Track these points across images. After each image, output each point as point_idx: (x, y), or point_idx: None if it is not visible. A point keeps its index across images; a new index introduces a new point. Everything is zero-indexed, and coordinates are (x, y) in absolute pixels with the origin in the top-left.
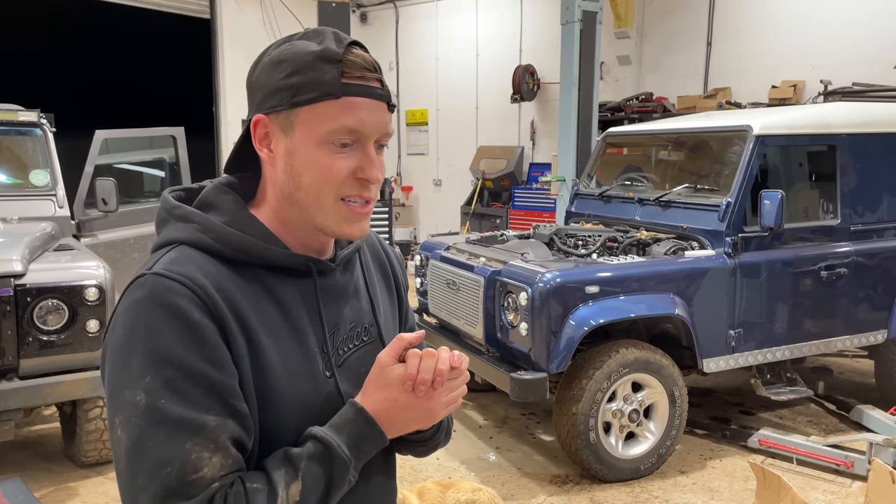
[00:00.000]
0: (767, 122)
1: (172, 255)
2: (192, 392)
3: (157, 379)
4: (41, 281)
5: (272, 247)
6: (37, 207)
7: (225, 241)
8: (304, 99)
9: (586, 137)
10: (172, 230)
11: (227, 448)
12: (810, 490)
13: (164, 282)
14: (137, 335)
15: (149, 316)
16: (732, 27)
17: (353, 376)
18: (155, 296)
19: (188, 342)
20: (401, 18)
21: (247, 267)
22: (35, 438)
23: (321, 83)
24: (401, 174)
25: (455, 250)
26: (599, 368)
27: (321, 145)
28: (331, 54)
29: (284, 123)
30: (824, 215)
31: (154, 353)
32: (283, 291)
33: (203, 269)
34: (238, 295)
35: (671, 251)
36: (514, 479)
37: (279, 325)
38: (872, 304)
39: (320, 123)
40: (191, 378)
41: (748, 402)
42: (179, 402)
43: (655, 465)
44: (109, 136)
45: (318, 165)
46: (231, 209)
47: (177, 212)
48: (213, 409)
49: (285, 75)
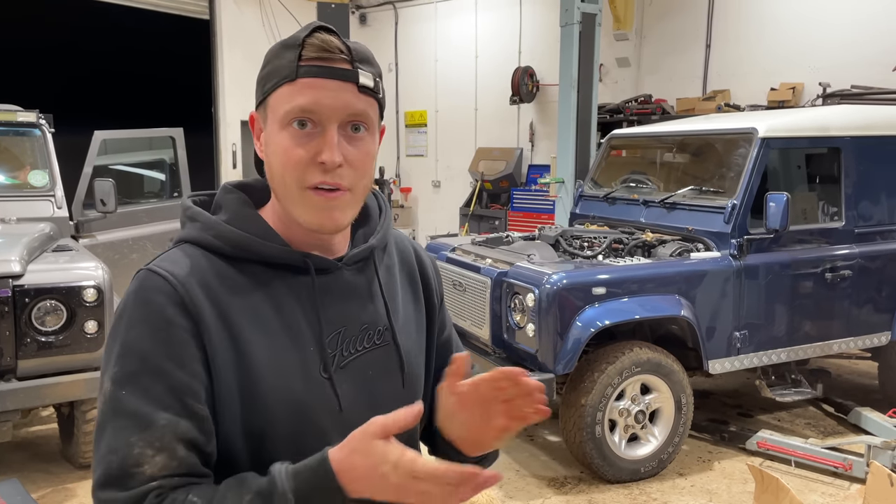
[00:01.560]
0: (773, 125)
1: (170, 253)
2: (151, 388)
3: (122, 370)
4: (39, 282)
5: (269, 243)
6: (35, 208)
7: (223, 238)
8: (270, 87)
9: (585, 139)
10: (184, 231)
11: (172, 449)
12: (808, 492)
13: (150, 276)
14: (119, 327)
15: (131, 309)
16: (731, 29)
17: (359, 379)
18: (139, 290)
19: (157, 338)
20: (400, 20)
21: (245, 263)
22: (33, 439)
23: (280, 68)
24: (399, 175)
25: (461, 251)
26: (612, 364)
27: (282, 129)
28: (292, 41)
29: (263, 115)
30: (829, 218)
31: (125, 345)
32: (280, 289)
33: (194, 265)
34: (227, 291)
35: (677, 253)
36: (513, 480)
37: (272, 322)
38: (876, 306)
39: (279, 107)
40: (152, 373)
41: (746, 404)
42: (137, 395)
43: (656, 469)
44: (108, 136)
45: (279, 150)
46: (233, 207)
47: (189, 213)
48: (169, 407)
49: (262, 68)
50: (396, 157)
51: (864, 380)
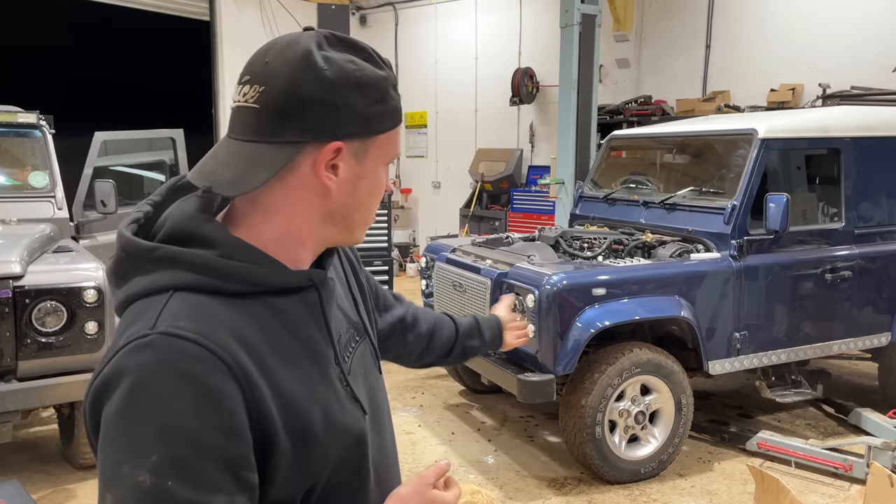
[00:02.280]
0: (773, 126)
1: (175, 307)
2: (203, 470)
3: (165, 457)
4: (40, 282)
5: (275, 270)
6: (35, 209)
7: (228, 277)
8: (385, 127)
9: (585, 140)
10: (155, 278)
11: None
12: (809, 493)
13: (174, 342)
14: (144, 405)
15: (159, 384)
16: (731, 30)
17: (357, 379)
18: (167, 361)
19: (203, 411)
20: (400, 21)
21: (252, 297)
22: (33, 440)
23: (396, 111)
24: (400, 177)
25: (461, 252)
26: (612, 365)
27: (384, 168)
28: (394, 81)
29: (359, 150)
30: (828, 219)
31: (164, 427)
32: (293, 312)
33: (214, 317)
34: (253, 333)
35: (677, 254)
36: (513, 481)
37: (294, 351)
38: (876, 306)
39: (390, 149)
40: (204, 454)
41: (747, 405)
42: (188, 484)
43: (656, 470)
44: (108, 137)
45: (378, 185)
46: (220, 238)
47: (156, 254)
48: (223, 486)
49: (371, 102)
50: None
51: (865, 381)
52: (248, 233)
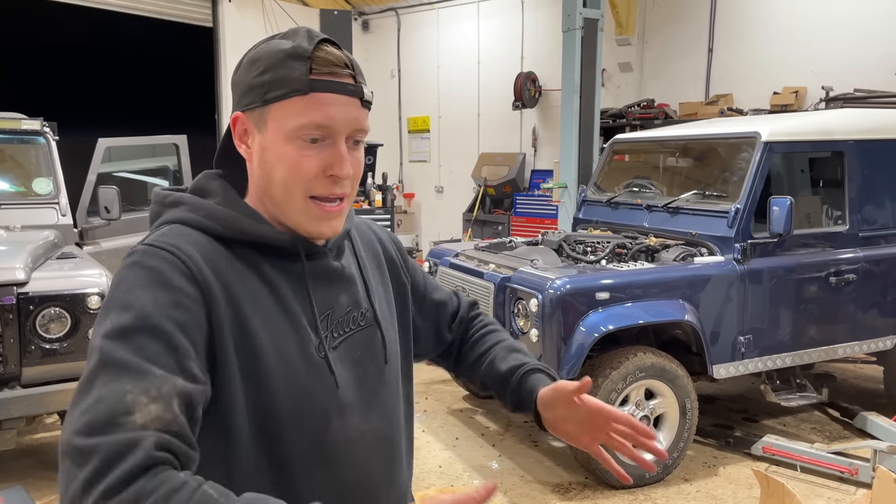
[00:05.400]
0: (776, 129)
1: (164, 230)
2: (148, 345)
3: (117, 326)
4: (43, 289)
5: (258, 223)
6: (39, 216)
7: (214, 218)
8: (275, 96)
9: (588, 144)
10: (167, 214)
11: (168, 401)
12: (814, 498)
13: (152, 250)
14: (115, 293)
15: (131, 276)
16: (734, 34)
17: (349, 360)
18: (141, 261)
19: (161, 301)
20: (402, 26)
21: (237, 245)
22: (37, 447)
23: (290, 80)
24: (402, 181)
25: (464, 257)
26: (616, 369)
27: (290, 141)
28: (300, 51)
29: (258, 120)
30: (832, 221)
31: (124, 304)
32: (272, 272)
33: (194, 241)
34: (228, 269)
35: (680, 257)
36: (518, 486)
37: (268, 302)
38: (881, 309)
39: (289, 119)
40: (151, 332)
41: (752, 409)
42: (132, 351)
43: (661, 474)
44: (112, 144)
45: (287, 161)
46: (221, 192)
47: (169, 199)
48: (165, 365)
49: (258, 73)
50: (399, 162)
51: (870, 384)
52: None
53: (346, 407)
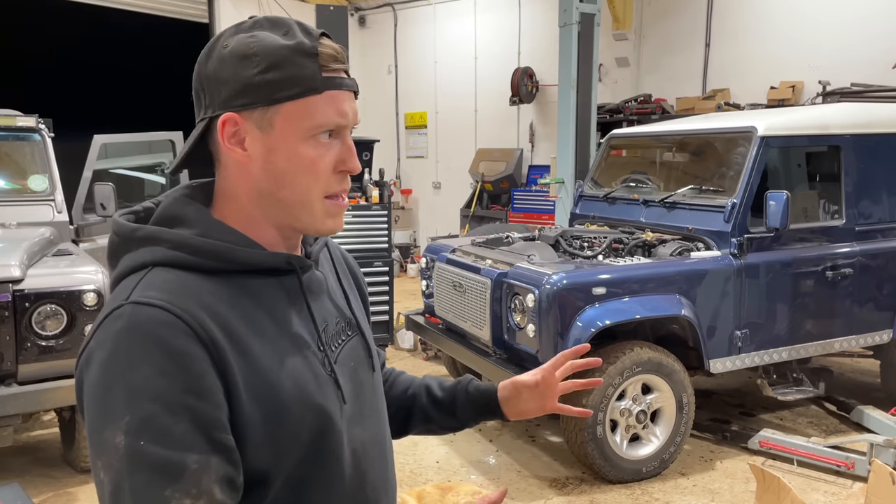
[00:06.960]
0: (772, 124)
1: (148, 280)
2: (173, 429)
3: (136, 417)
4: (39, 286)
5: (251, 249)
6: (35, 212)
7: (202, 253)
8: (287, 95)
9: (585, 139)
10: (138, 255)
11: (210, 492)
12: (811, 491)
13: (142, 310)
14: (115, 370)
15: (127, 348)
16: (730, 28)
17: (346, 372)
18: (133, 326)
19: (169, 372)
20: (399, 22)
21: (228, 275)
22: (34, 444)
23: (303, 78)
24: (400, 177)
25: (461, 252)
26: (613, 364)
27: (306, 140)
28: (307, 48)
29: (261, 121)
30: (829, 216)
31: (132, 389)
32: (270, 294)
33: (185, 288)
34: (225, 307)
35: (677, 252)
36: (515, 481)
37: (269, 329)
38: (878, 304)
39: (305, 119)
40: (172, 412)
41: (748, 403)
42: (160, 442)
43: (658, 469)
44: (108, 140)
45: (304, 161)
46: (199, 219)
47: (139, 234)
48: (196, 446)
49: (259, 71)
50: (397, 158)
51: (866, 378)
52: (225, 215)
53: (351, 419)
